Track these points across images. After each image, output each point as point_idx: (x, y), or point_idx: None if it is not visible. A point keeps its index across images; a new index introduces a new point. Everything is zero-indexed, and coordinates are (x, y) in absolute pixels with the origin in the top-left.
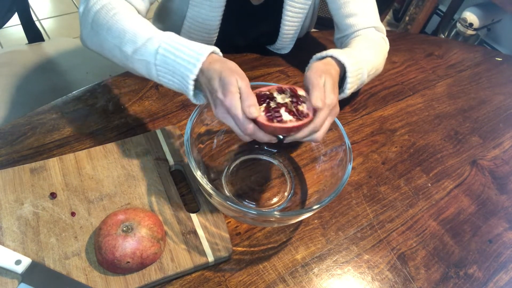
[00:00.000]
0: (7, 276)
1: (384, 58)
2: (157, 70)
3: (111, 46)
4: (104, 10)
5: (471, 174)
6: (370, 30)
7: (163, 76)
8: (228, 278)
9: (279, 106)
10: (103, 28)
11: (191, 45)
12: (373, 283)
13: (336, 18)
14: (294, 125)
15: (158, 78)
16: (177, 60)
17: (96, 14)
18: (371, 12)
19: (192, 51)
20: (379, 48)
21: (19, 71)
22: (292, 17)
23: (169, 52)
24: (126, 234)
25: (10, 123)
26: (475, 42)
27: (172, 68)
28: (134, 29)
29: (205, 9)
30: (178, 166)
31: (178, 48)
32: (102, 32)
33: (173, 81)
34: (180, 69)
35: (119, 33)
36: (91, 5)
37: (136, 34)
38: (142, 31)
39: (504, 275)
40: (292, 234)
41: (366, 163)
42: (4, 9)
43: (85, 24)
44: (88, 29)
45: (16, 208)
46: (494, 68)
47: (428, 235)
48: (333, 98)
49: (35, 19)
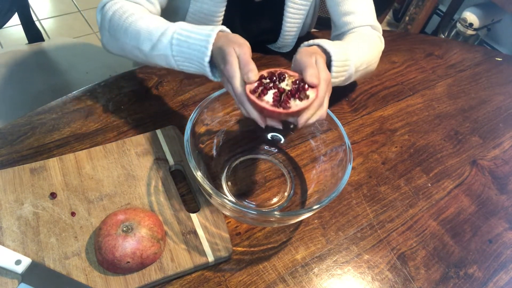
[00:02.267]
0: (7, 276)
1: (377, 55)
2: (175, 60)
3: (130, 48)
4: (117, 15)
5: (471, 174)
6: (366, 28)
7: (182, 64)
8: (228, 278)
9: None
10: (119, 32)
11: (200, 30)
12: (373, 283)
13: (333, 15)
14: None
15: (178, 67)
16: (191, 47)
17: (111, 21)
18: (368, 10)
19: (201, 35)
20: (373, 44)
21: (19, 71)
22: (294, 14)
23: (182, 42)
24: (126, 234)
25: (10, 123)
26: (475, 42)
27: (188, 56)
28: (147, 27)
29: (208, 3)
30: (178, 166)
31: (189, 36)
32: (120, 36)
33: (192, 67)
34: (195, 55)
35: (135, 34)
36: (105, 13)
37: (150, 31)
38: (154, 27)
39: (504, 275)
40: (292, 234)
41: (366, 163)
42: (4, 9)
43: (104, 32)
44: (107, 36)
45: (16, 208)
46: (494, 68)
47: (428, 235)
48: (327, 73)
49: (35, 19)
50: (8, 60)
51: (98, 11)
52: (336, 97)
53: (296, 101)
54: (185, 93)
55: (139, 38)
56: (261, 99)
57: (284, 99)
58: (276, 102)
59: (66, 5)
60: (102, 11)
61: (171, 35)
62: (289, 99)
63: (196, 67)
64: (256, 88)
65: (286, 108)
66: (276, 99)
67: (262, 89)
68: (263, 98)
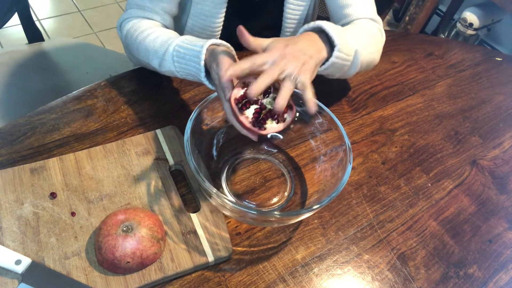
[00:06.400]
0: (7, 276)
1: (378, 47)
2: (181, 75)
3: (145, 63)
4: (130, 34)
5: (471, 174)
6: (365, 21)
7: (187, 77)
8: (228, 278)
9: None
10: (133, 49)
11: (193, 47)
12: (373, 283)
13: (331, 8)
14: (273, 131)
15: (185, 78)
16: (188, 64)
17: (126, 40)
18: (368, 3)
19: (193, 52)
20: (372, 35)
21: (19, 71)
22: (294, 10)
23: (181, 59)
24: (126, 234)
25: (10, 123)
26: (475, 42)
27: (188, 72)
28: (153, 46)
29: (208, 5)
30: (178, 166)
31: (185, 53)
32: (134, 53)
33: (195, 79)
34: (193, 70)
35: (145, 52)
36: (122, 31)
37: (155, 50)
38: (159, 45)
39: (504, 275)
40: (292, 234)
41: (366, 163)
42: (4, 9)
43: (125, 48)
44: (128, 52)
45: (16, 208)
46: (494, 68)
47: (428, 235)
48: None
49: (35, 19)
50: (8, 60)
51: (117, 29)
52: (336, 97)
53: (273, 123)
54: (185, 93)
55: (149, 56)
56: (242, 113)
57: (262, 117)
58: (254, 120)
59: (66, 5)
60: (120, 29)
61: (172, 53)
62: (267, 119)
63: (198, 80)
64: (240, 98)
65: (261, 129)
66: (255, 117)
67: (246, 102)
68: (244, 112)
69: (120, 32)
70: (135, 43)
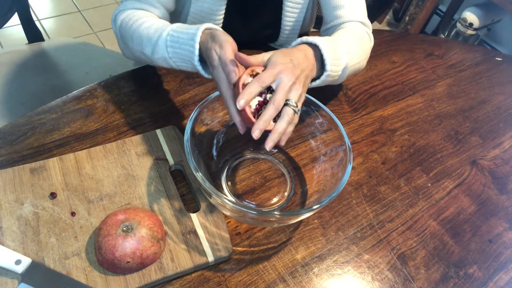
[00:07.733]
0: (7, 276)
1: (366, 53)
2: (173, 61)
3: (138, 53)
4: (124, 23)
5: (471, 174)
6: (355, 24)
7: (179, 65)
8: (228, 278)
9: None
10: (127, 38)
11: (187, 30)
12: (373, 283)
13: (324, 9)
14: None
15: (178, 67)
16: (182, 47)
17: (120, 29)
18: (359, 6)
19: (188, 35)
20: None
21: (19, 71)
22: (293, 7)
23: (174, 43)
24: (126, 234)
25: (10, 123)
26: (475, 42)
27: (181, 56)
28: (147, 32)
29: (208, 2)
30: (178, 166)
31: (179, 37)
32: (128, 42)
33: (188, 66)
34: (187, 55)
35: (138, 40)
36: (116, 22)
37: (149, 37)
38: (153, 31)
39: (504, 275)
40: (292, 234)
41: (366, 163)
42: (4, 9)
43: (118, 40)
44: (121, 43)
45: (16, 208)
46: (494, 68)
47: (428, 235)
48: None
49: (35, 19)
50: (8, 60)
51: (112, 21)
52: (336, 97)
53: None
54: (185, 93)
55: (142, 43)
56: None
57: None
58: (255, 111)
59: (66, 5)
60: (114, 21)
61: (165, 38)
62: None
63: (191, 66)
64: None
65: None
66: (257, 109)
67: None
68: None
69: (114, 24)
70: (130, 31)
